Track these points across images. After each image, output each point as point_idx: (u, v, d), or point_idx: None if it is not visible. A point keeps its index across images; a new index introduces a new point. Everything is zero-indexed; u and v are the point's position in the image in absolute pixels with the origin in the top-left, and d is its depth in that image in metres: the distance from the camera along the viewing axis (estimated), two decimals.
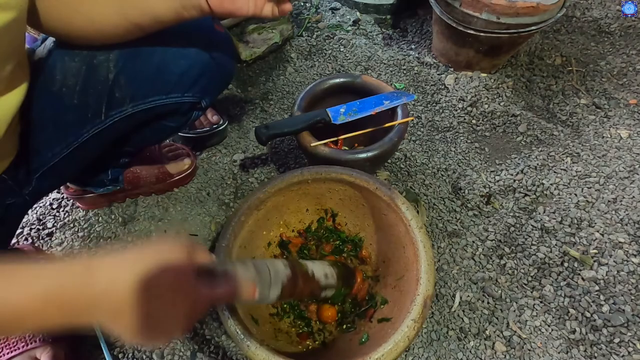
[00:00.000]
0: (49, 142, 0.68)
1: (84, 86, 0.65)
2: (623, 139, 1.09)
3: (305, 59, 1.34)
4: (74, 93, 0.65)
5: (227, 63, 0.76)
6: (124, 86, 0.67)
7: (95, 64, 0.65)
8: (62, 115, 0.67)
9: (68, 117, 0.67)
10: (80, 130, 0.68)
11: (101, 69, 0.65)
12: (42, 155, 0.69)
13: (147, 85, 0.68)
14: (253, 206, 0.73)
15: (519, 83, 1.25)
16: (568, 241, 0.91)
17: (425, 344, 0.80)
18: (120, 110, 0.68)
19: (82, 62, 0.65)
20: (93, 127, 0.68)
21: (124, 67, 0.66)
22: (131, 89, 0.67)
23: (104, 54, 0.65)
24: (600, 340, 0.79)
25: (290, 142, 1.13)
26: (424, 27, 1.44)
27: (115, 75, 0.66)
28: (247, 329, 0.60)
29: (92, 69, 0.65)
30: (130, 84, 0.67)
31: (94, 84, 0.66)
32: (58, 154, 0.69)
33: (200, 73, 0.71)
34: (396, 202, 0.68)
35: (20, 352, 0.73)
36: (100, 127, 0.69)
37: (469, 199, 1.00)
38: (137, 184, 0.97)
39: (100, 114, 0.68)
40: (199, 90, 0.73)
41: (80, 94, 0.66)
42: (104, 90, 0.66)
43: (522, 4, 1.02)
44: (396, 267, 0.72)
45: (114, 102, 0.67)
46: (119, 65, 0.66)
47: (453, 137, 1.14)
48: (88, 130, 0.69)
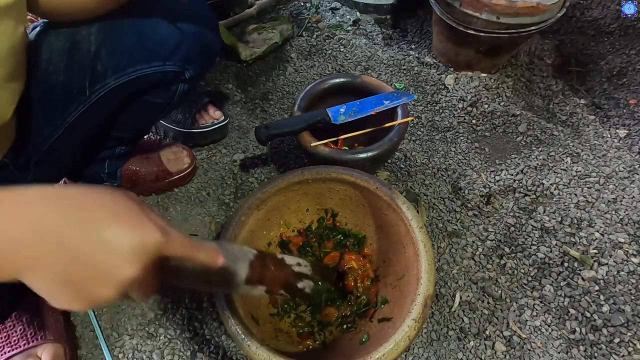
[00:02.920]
0: (39, 125, 0.69)
1: (68, 62, 0.66)
2: (623, 139, 1.10)
3: (305, 59, 1.34)
4: (59, 70, 0.66)
5: (207, 33, 0.77)
6: (104, 58, 0.67)
7: (77, 40, 0.66)
8: (50, 94, 0.67)
9: (55, 96, 0.68)
10: (68, 109, 0.69)
11: (83, 43, 0.66)
12: (34, 140, 0.69)
13: (127, 55, 0.69)
14: (253, 206, 0.73)
15: (519, 83, 1.25)
16: (568, 241, 0.91)
17: (425, 344, 0.80)
18: (104, 83, 0.69)
19: (66, 40, 0.66)
20: (79, 104, 0.69)
21: (104, 40, 0.67)
22: (112, 60, 0.68)
23: (86, 29, 0.66)
24: (600, 340, 0.79)
25: (290, 142, 1.13)
26: (424, 27, 1.44)
27: (96, 48, 0.66)
28: (248, 328, 0.60)
29: (75, 45, 0.66)
30: (111, 55, 0.67)
31: (78, 59, 0.66)
32: (49, 137, 0.70)
33: (179, 41, 0.72)
34: (397, 202, 0.68)
35: (21, 350, 0.73)
36: (86, 104, 0.69)
37: (469, 199, 1.00)
38: (136, 181, 0.97)
39: (84, 90, 0.68)
40: (180, 59, 0.73)
41: (65, 71, 0.66)
42: (86, 64, 0.67)
43: (522, 4, 1.02)
44: (396, 267, 0.72)
45: (96, 76, 0.68)
46: (100, 38, 0.66)
47: (453, 137, 1.14)
48: (75, 108, 0.69)
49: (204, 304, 0.85)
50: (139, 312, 0.85)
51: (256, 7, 1.46)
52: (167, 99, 0.79)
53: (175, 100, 0.81)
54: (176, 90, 0.78)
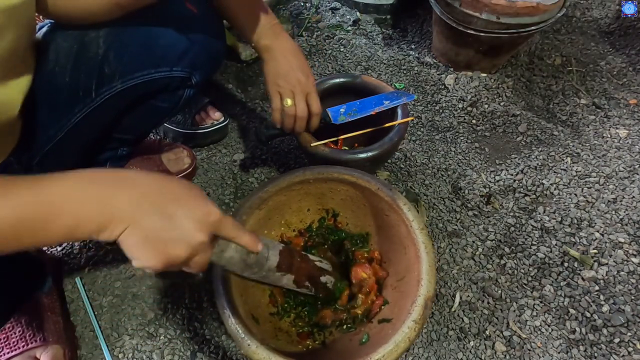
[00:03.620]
0: (44, 125, 0.69)
1: (75, 64, 0.66)
2: (623, 139, 1.10)
3: (306, 59, 1.34)
4: (65, 71, 0.66)
5: (214, 39, 0.77)
6: (112, 61, 0.67)
7: (86, 42, 0.66)
8: (55, 95, 0.67)
9: (60, 96, 0.68)
10: (73, 110, 0.69)
11: (91, 46, 0.66)
12: (38, 139, 0.69)
13: (135, 59, 0.69)
14: (254, 205, 0.72)
15: (519, 83, 1.25)
16: (568, 241, 0.91)
17: (425, 344, 0.80)
18: (110, 86, 0.69)
19: (74, 42, 0.66)
20: (84, 106, 0.69)
21: (112, 43, 0.67)
22: (120, 64, 0.68)
23: (95, 32, 0.66)
24: (600, 340, 0.79)
25: (290, 142, 1.13)
26: (424, 27, 1.44)
27: (104, 51, 0.66)
28: (248, 328, 0.60)
29: (82, 47, 0.66)
30: (119, 59, 0.67)
31: (85, 61, 0.66)
32: (53, 137, 0.70)
33: (187, 47, 0.72)
34: (398, 203, 0.68)
35: (21, 351, 0.73)
36: (92, 106, 0.69)
37: (469, 199, 1.00)
38: None
39: (90, 92, 0.68)
40: (187, 65, 0.73)
41: (71, 72, 0.66)
42: (94, 66, 0.67)
43: (522, 4, 1.02)
44: (397, 268, 0.72)
45: (103, 79, 0.68)
46: (108, 42, 0.66)
47: (453, 137, 1.14)
48: (80, 109, 0.69)
49: (204, 304, 0.85)
50: (139, 312, 0.85)
51: None
52: (173, 104, 0.80)
53: (180, 105, 0.81)
54: (182, 95, 0.79)
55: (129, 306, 0.86)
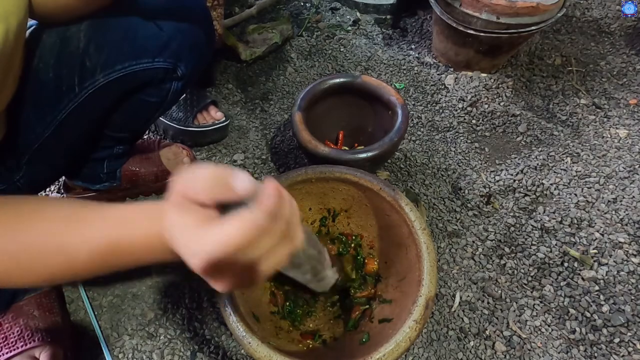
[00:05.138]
0: (30, 122, 0.68)
1: (58, 59, 0.66)
2: (623, 139, 1.10)
3: (305, 59, 1.34)
4: (49, 67, 0.66)
5: (198, 29, 0.76)
6: (93, 54, 0.67)
7: (67, 36, 0.66)
8: (39, 91, 0.67)
9: (45, 92, 0.67)
10: (58, 106, 0.68)
11: (73, 40, 0.66)
12: (25, 137, 0.69)
13: (116, 51, 0.68)
14: None
15: (519, 83, 1.25)
16: (568, 241, 0.91)
17: (426, 344, 0.80)
18: (93, 80, 0.68)
19: (56, 37, 0.66)
20: (69, 101, 0.68)
21: (92, 36, 0.66)
22: (100, 56, 0.67)
23: (76, 26, 0.66)
24: (600, 340, 0.79)
25: (290, 142, 1.13)
26: (424, 27, 1.44)
27: (85, 44, 0.66)
28: (249, 326, 0.60)
29: (64, 41, 0.66)
30: (100, 51, 0.67)
31: (67, 56, 0.66)
32: (40, 134, 0.69)
33: (169, 37, 0.71)
34: (400, 203, 0.68)
35: (19, 351, 0.73)
36: (76, 101, 0.69)
37: (469, 199, 1.00)
38: (135, 182, 0.97)
39: (74, 87, 0.68)
40: (170, 55, 0.72)
41: (54, 68, 0.66)
42: (75, 61, 0.66)
43: (522, 4, 1.02)
44: (398, 268, 0.72)
45: (85, 73, 0.67)
46: (89, 35, 0.66)
47: (453, 137, 1.14)
48: (65, 105, 0.68)
49: (204, 304, 0.85)
50: (139, 312, 0.85)
51: (256, 7, 1.46)
52: (161, 98, 0.78)
53: (169, 99, 0.80)
54: (170, 89, 0.77)
55: (129, 306, 0.86)
